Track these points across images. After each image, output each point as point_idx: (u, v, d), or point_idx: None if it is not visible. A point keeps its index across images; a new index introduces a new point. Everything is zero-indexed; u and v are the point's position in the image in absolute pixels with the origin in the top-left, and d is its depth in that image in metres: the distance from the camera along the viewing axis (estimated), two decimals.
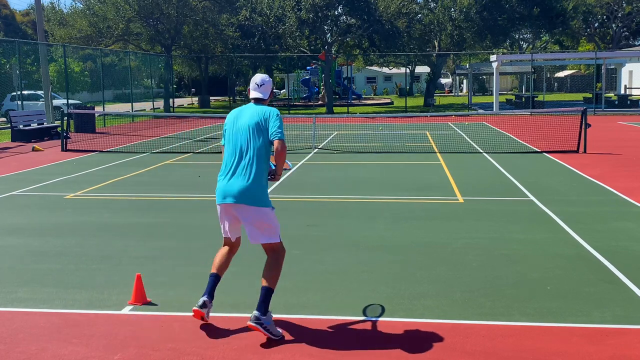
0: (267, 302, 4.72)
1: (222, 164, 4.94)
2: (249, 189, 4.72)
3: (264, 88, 4.98)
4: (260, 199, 4.76)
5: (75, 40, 37.94)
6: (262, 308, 4.68)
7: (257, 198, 4.74)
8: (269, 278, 4.80)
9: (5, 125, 24.81)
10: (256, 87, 4.98)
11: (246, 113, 4.92)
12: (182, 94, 67.44)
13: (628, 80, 45.37)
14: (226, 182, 4.81)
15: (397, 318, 5.09)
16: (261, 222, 4.79)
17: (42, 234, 8.07)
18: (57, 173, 13.40)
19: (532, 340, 4.66)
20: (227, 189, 4.79)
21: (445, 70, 68.36)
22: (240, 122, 4.89)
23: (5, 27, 62.37)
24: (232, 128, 4.93)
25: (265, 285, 4.76)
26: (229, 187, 4.78)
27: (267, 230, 4.81)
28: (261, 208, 4.76)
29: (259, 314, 4.66)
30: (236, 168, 4.79)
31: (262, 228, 4.80)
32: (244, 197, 4.73)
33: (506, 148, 16.97)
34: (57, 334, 4.85)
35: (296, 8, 35.28)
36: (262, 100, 4.98)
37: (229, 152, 4.88)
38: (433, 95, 43.59)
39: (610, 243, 7.26)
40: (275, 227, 4.85)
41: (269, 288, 4.76)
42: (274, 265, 4.87)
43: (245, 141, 4.81)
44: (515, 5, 37.86)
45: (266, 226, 4.80)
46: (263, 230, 4.81)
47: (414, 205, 9.66)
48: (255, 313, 4.67)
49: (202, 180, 12.33)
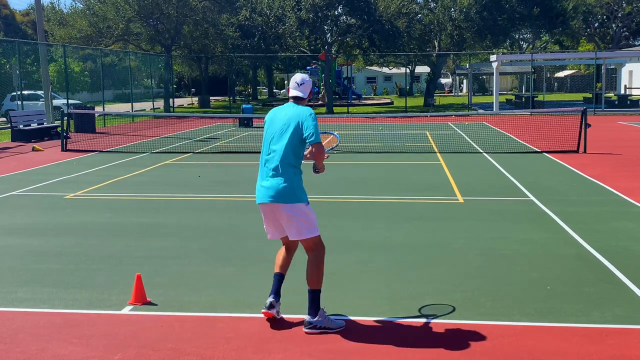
0: (315, 305, 4.79)
1: (260, 163, 5.04)
2: (281, 187, 4.80)
3: (303, 87, 5.03)
4: (293, 196, 4.81)
5: (75, 40, 37.95)
6: (311, 311, 4.79)
7: (289, 195, 4.80)
8: (311, 280, 4.85)
9: (5, 125, 24.82)
10: (296, 85, 5.03)
11: (283, 113, 4.98)
12: (182, 94, 67.46)
13: (628, 80, 45.37)
14: (261, 182, 4.95)
15: (397, 318, 5.10)
16: (296, 218, 4.84)
17: (42, 234, 8.07)
18: (57, 173, 13.40)
19: (532, 340, 4.66)
20: (262, 188, 4.92)
21: (445, 70, 68.37)
22: (276, 122, 4.97)
23: (5, 27, 62.37)
24: (268, 128, 5.02)
25: (310, 289, 4.84)
26: (263, 186, 4.90)
27: (303, 226, 4.85)
28: (294, 204, 4.82)
29: (309, 318, 4.79)
30: (270, 167, 4.89)
31: (297, 224, 4.85)
32: (277, 195, 4.81)
33: (506, 148, 16.97)
34: (57, 334, 4.85)
35: (296, 8, 35.29)
36: (301, 99, 5.04)
37: (265, 151, 4.98)
38: (433, 95, 43.60)
39: (610, 243, 7.26)
40: (307, 224, 4.86)
41: (314, 290, 4.83)
42: (314, 265, 4.88)
43: (279, 141, 4.88)
44: (515, 5, 37.87)
45: (301, 221, 4.85)
46: (299, 226, 4.85)
47: (414, 205, 9.66)
48: (306, 318, 4.81)
49: (202, 180, 12.34)
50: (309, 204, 4.92)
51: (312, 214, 4.91)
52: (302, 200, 4.84)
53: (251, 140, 20.34)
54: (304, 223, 4.84)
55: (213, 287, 5.90)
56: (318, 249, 4.92)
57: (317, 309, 4.78)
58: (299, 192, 4.84)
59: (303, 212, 4.84)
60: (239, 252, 7.17)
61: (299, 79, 5.04)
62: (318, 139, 4.83)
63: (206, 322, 5.06)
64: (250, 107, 27.42)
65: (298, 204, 4.82)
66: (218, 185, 11.74)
